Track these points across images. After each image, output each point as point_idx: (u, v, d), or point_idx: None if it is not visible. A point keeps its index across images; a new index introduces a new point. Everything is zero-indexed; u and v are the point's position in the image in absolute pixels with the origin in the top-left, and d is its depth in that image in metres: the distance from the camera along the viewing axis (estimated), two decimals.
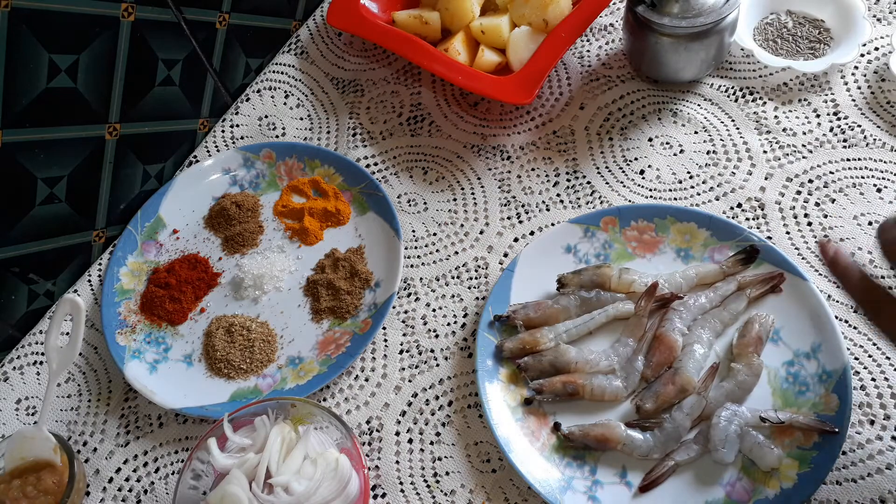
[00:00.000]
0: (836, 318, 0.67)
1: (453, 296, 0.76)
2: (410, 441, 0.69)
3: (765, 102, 0.83)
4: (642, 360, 0.67)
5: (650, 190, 0.79)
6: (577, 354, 0.68)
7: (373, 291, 0.76)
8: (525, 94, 0.79)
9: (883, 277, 0.70)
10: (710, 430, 0.62)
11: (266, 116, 0.92)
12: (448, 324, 0.74)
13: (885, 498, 0.60)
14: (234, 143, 0.91)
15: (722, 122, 0.82)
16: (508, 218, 0.80)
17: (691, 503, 0.61)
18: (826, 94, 0.82)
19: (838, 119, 0.80)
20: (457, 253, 0.78)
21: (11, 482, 0.65)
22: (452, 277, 0.77)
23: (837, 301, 0.70)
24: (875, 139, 0.78)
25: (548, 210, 0.80)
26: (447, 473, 0.66)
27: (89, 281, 0.82)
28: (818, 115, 0.81)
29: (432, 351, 0.73)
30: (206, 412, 0.71)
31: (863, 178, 0.76)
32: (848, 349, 0.65)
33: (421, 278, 0.77)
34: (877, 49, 0.84)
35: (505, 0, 0.89)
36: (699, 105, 0.84)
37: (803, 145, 0.79)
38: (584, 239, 0.75)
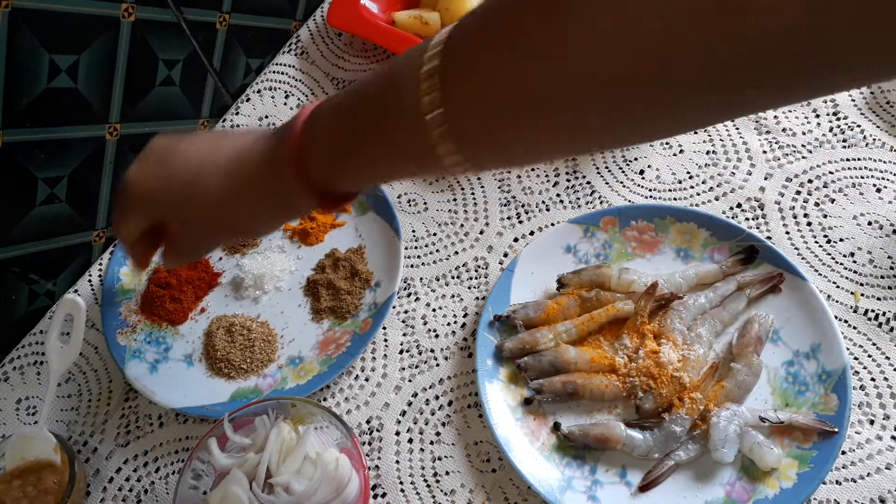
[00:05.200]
0: (836, 318, 0.67)
1: (453, 296, 0.76)
2: (410, 441, 0.69)
3: None
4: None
5: (650, 190, 0.79)
6: (577, 354, 0.68)
7: (373, 291, 0.76)
8: None
9: (882, 278, 0.70)
10: (710, 430, 0.62)
11: (266, 117, 0.92)
12: (448, 324, 0.74)
13: (885, 497, 0.60)
14: None
15: (722, 123, 0.82)
16: (508, 218, 0.80)
17: (691, 503, 0.61)
18: None
19: (838, 119, 0.80)
20: (457, 253, 0.78)
21: (12, 482, 0.65)
22: (452, 277, 0.77)
23: (837, 301, 0.70)
24: (875, 139, 0.78)
25: (548, 210, 0.80)
26: (447, 473, 0.67)
27: (90, 281, 0.82)
28: (818, 116, 0.81)
29: (432, 351, 0.73)
30: (206, 412, 0.71)
31: (862, 178, 0.76)
32: (847, 349, 0.65)
33: (421, 278, 0.77)
34: None
35: None
36: None
37: (803, 145, 0.79)
38: (584, 239, 0.75)
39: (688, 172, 0.80)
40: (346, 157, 0.49)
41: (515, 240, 0.78)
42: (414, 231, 0.81)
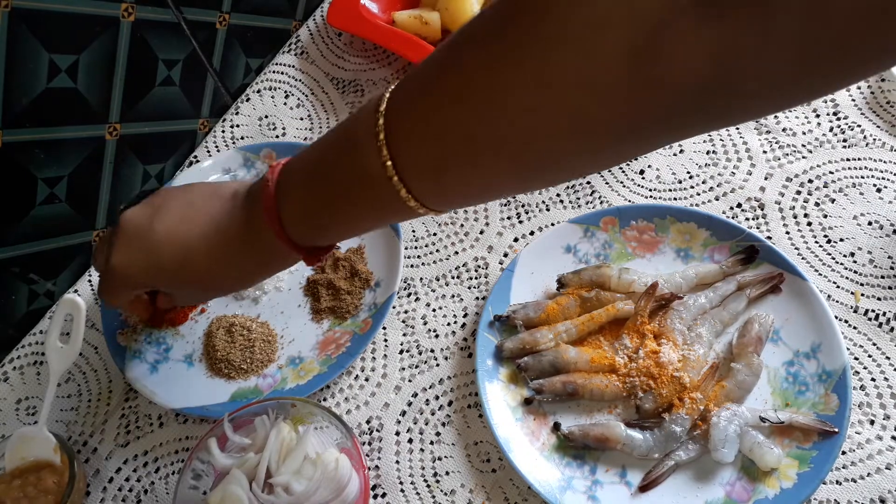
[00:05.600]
0: (836, 317, 0.67)
1: (453, 296, 0.76)
2: (410, 441, 0.69)
3: None
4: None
5: (650, 190, 0.79)
6: (577, 354, 0.68)
7: (373, 291, 0.76)
8: None
9: (883, 278, 0.70)
10: (710, 430, 0.62)
11: (266, 116, 0.92)
12: (448, 324, 0.74)
13: (885, 498, 0.60)
14: (234, 143, 0.91)
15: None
16: (508, 218, 0.80)
17: (691, 503, 0.61)
18: None
19: (838, 119, 0.80)
20: (457, 253, 0.78)
21: (12, 482, 0.65)
22: (452, 277, 0.77)
23: (837, 301, 0.70)
24: (875, 139, 0.78)
25: (548, 210, 0.80)
26: (447, 473, 0.67)
27: (90, 281, 0.82)
28: (818, 115, 0.81)
29: (432, 351, 0.73)
30: (206, 412, 0.71)
31: (862, 177, 0.76)
32: (847, 349, 0.65)
33: (421, 278, 0.77)
34: None
35: None
36: None
37: (803, 145, 0.79)
38: (584, 239, 0.75)
39: (688, 172, 0.80)
40: (327, 222, 0.52)
41: (515, 240, 0.78)
42: (414, 231, 0.81)
